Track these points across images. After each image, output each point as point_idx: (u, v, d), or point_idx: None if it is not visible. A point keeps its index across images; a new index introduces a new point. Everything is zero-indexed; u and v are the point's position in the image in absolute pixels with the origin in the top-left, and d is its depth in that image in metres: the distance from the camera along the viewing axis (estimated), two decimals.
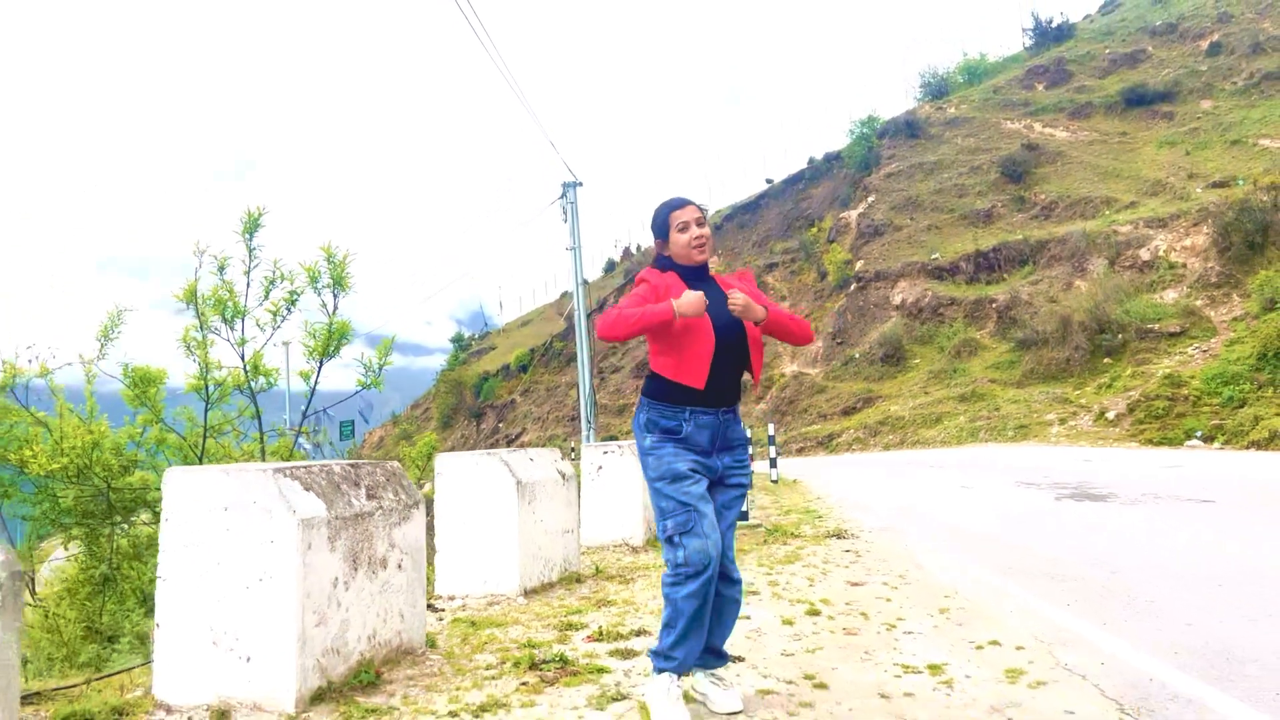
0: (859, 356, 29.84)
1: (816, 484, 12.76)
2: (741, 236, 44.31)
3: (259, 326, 7.15)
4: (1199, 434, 15.95)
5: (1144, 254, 25.69)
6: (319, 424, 10.87)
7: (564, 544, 5.38)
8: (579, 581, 5.27)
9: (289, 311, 7.23)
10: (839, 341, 31.39)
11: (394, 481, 3.53)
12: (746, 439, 3.03)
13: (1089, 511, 7.50)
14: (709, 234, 2.88)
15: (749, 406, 29.27)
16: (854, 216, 36.62)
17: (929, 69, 46.89)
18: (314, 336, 7.23)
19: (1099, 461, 12.87)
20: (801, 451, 25.28)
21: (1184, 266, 24.50)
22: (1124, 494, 8.58)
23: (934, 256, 31.28)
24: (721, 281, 2.90)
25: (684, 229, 2.85)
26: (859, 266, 33.13)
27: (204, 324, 6.26)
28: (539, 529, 5.03)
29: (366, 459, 6.99)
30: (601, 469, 7.04)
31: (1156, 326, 22.23)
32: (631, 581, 5.26)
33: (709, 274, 2.93)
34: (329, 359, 7.44)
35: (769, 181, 47.91)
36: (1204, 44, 37.88)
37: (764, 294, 2.92)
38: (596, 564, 5.85)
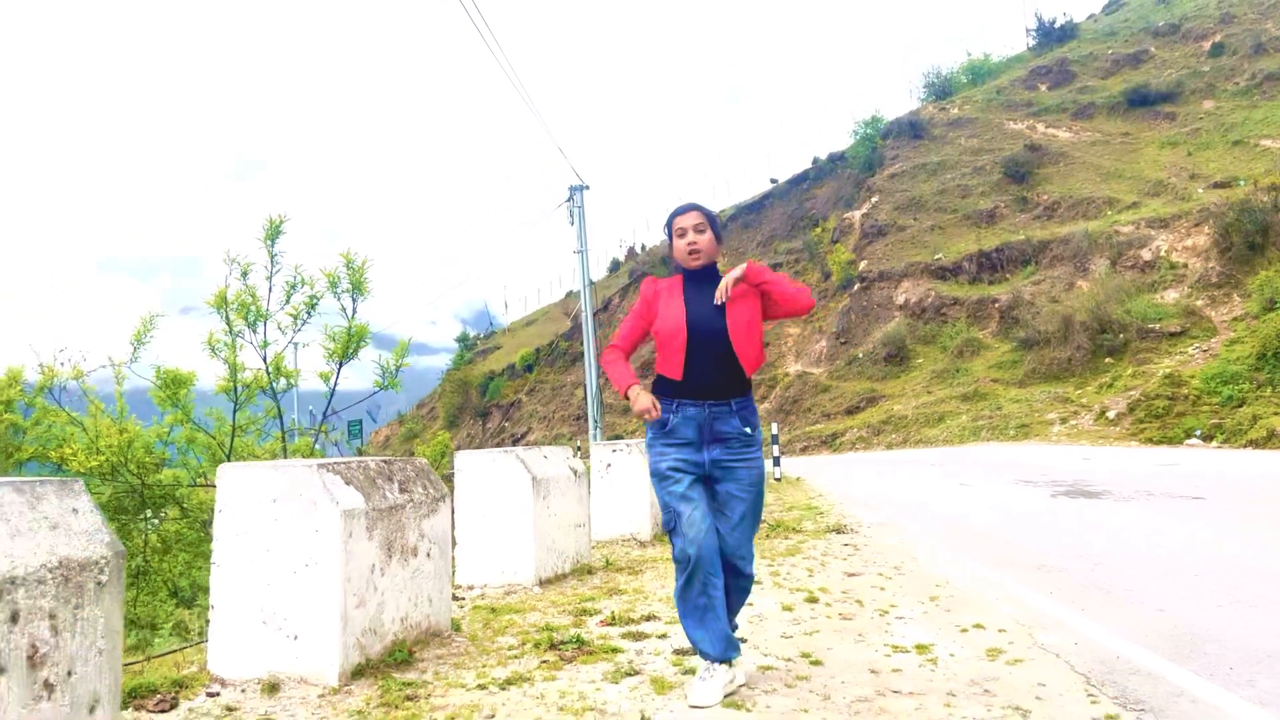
0: (863, 356, 30.08)
1: (819, 482, 13.03)
2: (746, 236, 44.55)
3: (280, 330, 7.46)
4: (1198, 433, 16.17)
5: (1145, 254, 25.89)
6: (335, 425, 11.18)
7: (576, 537, 5.66)
8: (590, 573, 5.56)
9: (309, 315, 7.54)
10: (843, 341, 31.64)
11: (423, 477, 3.82)
12: (745, 433, 2.95)
13: (1082, 508, 7.75)
14: (703, 241, 3.00)
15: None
16: (858, 217, 36.86)
17: (933, 69, 47.13)
18: (333, 339, 7.53)
19: (1097, 460, 13.11)
20: (806, 450, 25.53)
21: (1185, 267, 24.70)
22: (1118, 491, 8.82)
23: (937, 257, 31.50)
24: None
25: (681, 235, 3.04)
26: (863, 266, 33.37)
27: (231, 328, 6.56)
28: (553, 523, 5.31)
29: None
30: (610, 466, 7.32)
31: (1157, 326, 22.44)
32: (640, 573, 5.55)
33: (713, 275, 3.04)
34: (348, 361, 7.74)
35: (774, 181, 48.20)
36: (1206, 44, 38.04)
37: (765, 270, 2.98)
38: (606, 557, 6.14)
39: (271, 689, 3.09)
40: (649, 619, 4.08)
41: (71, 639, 1.90)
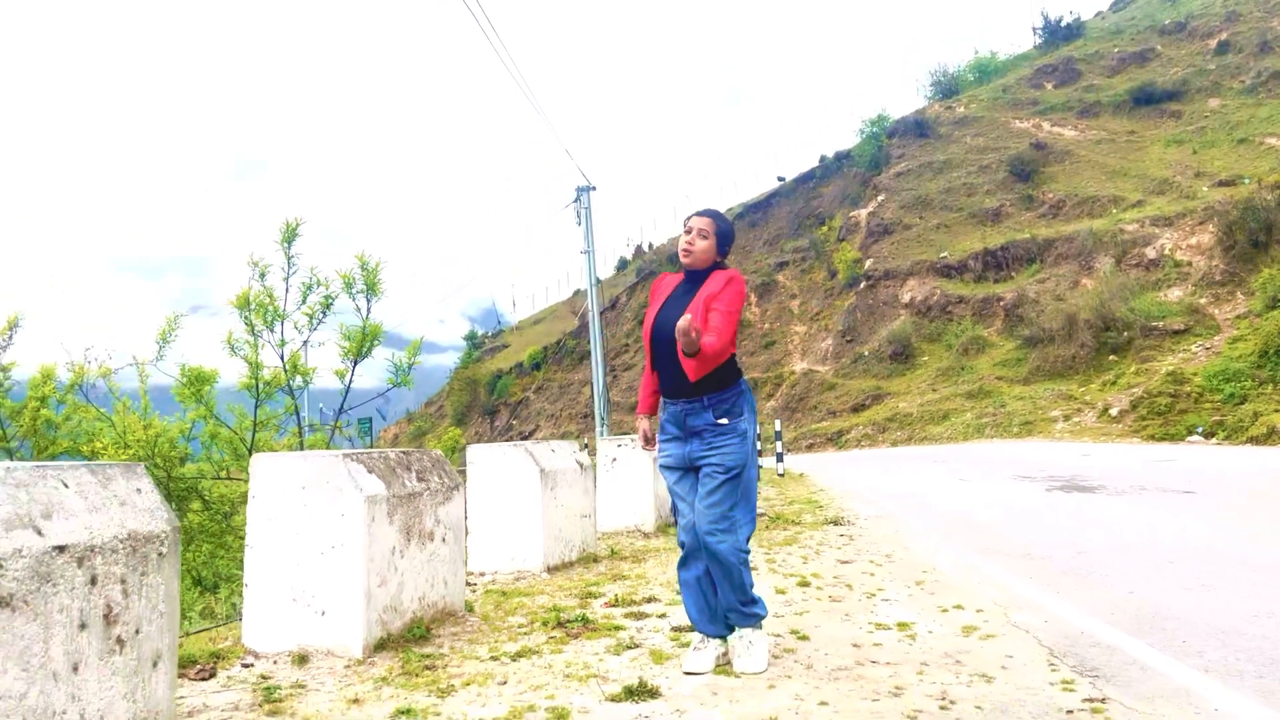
0: (868, 354, 30.29)
1: (822, 478, 13.28)
2: (753, 235, 44.73)
3: (296, 329, 7.76)
4: (1200, 430, 16.35)
5: (1150, 252, 26.01)
6: (349, 422, 11.50)
7: (582, 527, 5.93)
8: (596, 561, 5.83)
9: (324, 315, 7.83)
10: (848, 339, 31.84)
11: (438, 467, 4.09)
12: (718, 425, 3.08)
13: (1076, 502, 7.98)
14: (699, 244, 3.16)
15: (761, 404, 29.73)
16: (864, 215, 37.04)
17: (939, 67, 47.22)
18: (349, 338, 7.82)
19: (1097, 456, 13.31)
20: (811, 448, 25.76)
21: (1189, 265, 24.82)
22: (1112, 486, 9.04)
23: (942, 255, 31.67)
24: (708, 283, 3.14)
25: (686, 233, 3.26)
26: (868, 265, 33.57)
27: (253, 329, 6.86)
28: (560, 513, 5.58)
29: None
30: (616, 460, 7.58)
31: (1161, 324, 22.59)
32: (643, 560, 5.81)
33: (703, 277, 3.17)
34: (362, 359, 8.03)
35: (780, 180, 48.36)
36: (1212, 43, 38.05)
37: (723, 301, 3.02)
38: (611, 547, 6.41)
39: (301, 660, 3.37)
40: (650, 600, 4.35)
41: (139, 601, 2.17)
